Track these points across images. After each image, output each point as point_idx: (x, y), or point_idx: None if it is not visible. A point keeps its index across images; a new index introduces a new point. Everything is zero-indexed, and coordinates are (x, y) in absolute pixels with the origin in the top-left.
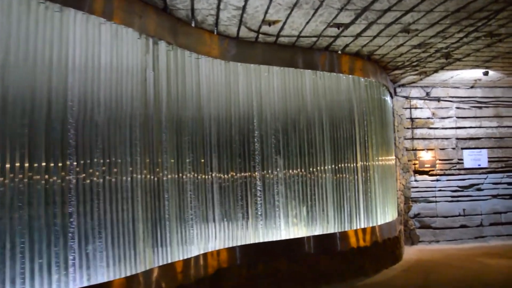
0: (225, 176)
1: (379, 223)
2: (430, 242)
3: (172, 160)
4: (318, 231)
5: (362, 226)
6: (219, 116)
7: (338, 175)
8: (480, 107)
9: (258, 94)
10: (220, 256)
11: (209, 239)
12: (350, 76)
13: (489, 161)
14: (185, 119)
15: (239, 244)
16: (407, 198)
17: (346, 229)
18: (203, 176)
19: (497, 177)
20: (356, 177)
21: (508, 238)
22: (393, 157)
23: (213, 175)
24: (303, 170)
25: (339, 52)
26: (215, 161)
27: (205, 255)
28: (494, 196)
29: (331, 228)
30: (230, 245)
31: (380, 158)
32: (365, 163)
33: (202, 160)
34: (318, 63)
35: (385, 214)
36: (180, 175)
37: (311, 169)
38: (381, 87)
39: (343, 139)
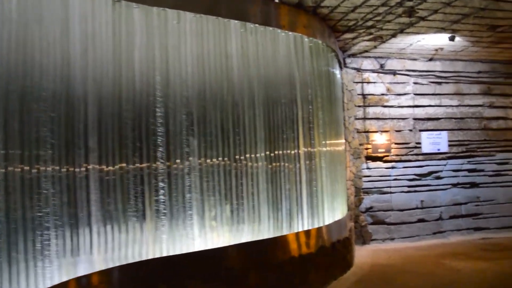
0: (110, 168)
1: (326, 223)
2: (384, 240)
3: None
4: (246, 237)
5: (306, 228)
6: (101, 84)
7: (274, 164)
8: (439, 83)
9: (163, 52)
10: (93, 282)
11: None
12: (291, 33)
13: (449, 145)
14: (33, 90)
15: (124, 262)
16: (358, 189)
17: (284, 233)
18: (72, 169)
19: (457, 163)
20: (298, 165)
21: (468, 233)
22: (343, 140)
23: (90, 167)
24: (226, 158)
25: (277, 0)
26: (93, 147)
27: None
28: (454, 185)
29: (265, 232)
30: (111, 265)
31: (328, 142)
32: (309, 148)
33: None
34: (249, 12)
35: (334, 211)
36: (28, 168)
37: (237, 156)
38: (330, 53)
39: (282, 118)
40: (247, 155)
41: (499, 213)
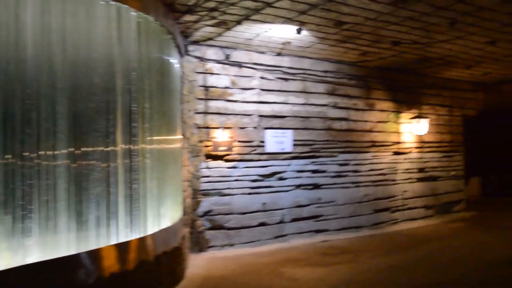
0: None
1: (150, 232)
2: (223, 247)
3: None
4: (37, 255)
5: (122, 240)
6: None
7: (80, 163)
8: (286, 79)
9: None
10: None
11: None
12: (113, 3)
13: (294, 145)
14: None
15: None
16: (196, 190)
17: (92, 248)
18: None
19: (301, 164)
20: (114, 165)
21: (309, 236)
22: (179, 136)
23: None
24: (9, 155)
25: None
26: None
27: None
28: (298, 187)
29: (63, 248)
30: None
31: (157, 138)
32: (130, 145)
33: None
34: None
35: (161, 217)
36: None
37: (27, 153)
38: (165, 35)
39: (94, 108)
40: (42, 152)
41: (339, 214)
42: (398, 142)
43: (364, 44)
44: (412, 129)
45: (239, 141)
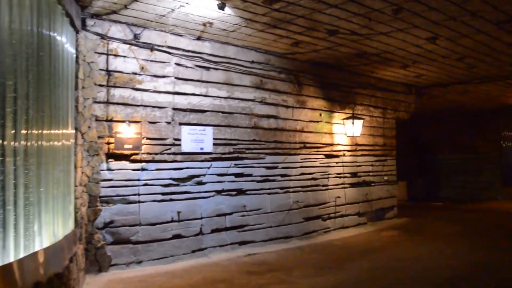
0: None
1: (21, 255)
2: (128, 265)
3: None
4: None
5: None
6: None
7: None
8: (207, 68)
9: None
10: None
11: None
12: None
13: (214, 144)
14: None
15: None
16: (94, 197)
17: None
18: None
19: (223, 166)
20: None
21: (232, 249)
22: (71, 131)
23: None
24: None
25: None
26: None
27: None
28: (219, 192)
29: None
30: None
31: (36, 132)
32: None
33: None
34: None
35: (37, 234)
36: None
37: None
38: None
39: None
40: None
41: (266, 223)
42: (331, 144)
43: (297, 31)
44: (346, 131)
45: (149, 138)
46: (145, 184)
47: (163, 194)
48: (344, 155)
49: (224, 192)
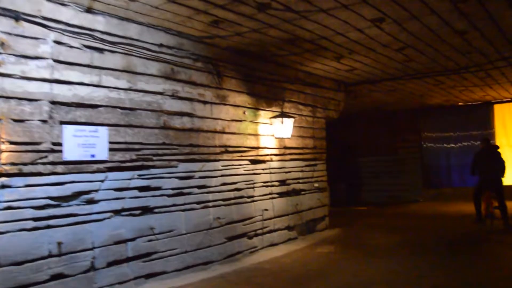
0: None
1: None
2: None
3: None
4: None
5: None
6: None
7: None
8: (101, 50)
9: None
10: None
11: None
12: None
13: (111, 150)
14: None
15: None
16: None
17: None
18: None
19: (123, 178)
20: None
21: (137, 284)
22: None
23: None
24: None
25: None
26: None
27: None
28: (117, 212)
29: None
30: None
31: None
32: None
33: None
34: None
35: None
36: None
37: None
38: None
39: None
40: None
41: (181, 248)
42: (257, 148)
43: (218, 2)
44: (274, 131)
45: (13, 143)
46: (7, 208)
47: (35, 219)
48: (271, 160)
49: (125, 212)
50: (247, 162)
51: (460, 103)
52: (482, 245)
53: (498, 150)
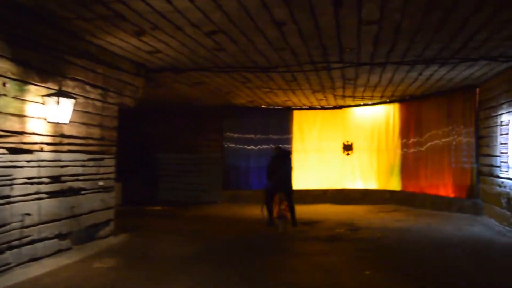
0: None
1: None
2: None
3: None
4: None
5: None
6: None
7: None
8: None
9: None
10: None
11: None
12: None
13: None
14: None
15: None
16: None
17: None
18: None
19: None
20: None
21: None
22: None
23: None
24: None
25: None
26: None
27: None
28: None
29: None
30: None
31: None
32: None
33: None
34: None
35: None
36: None
37: None
38: None
39: None
40: None
41: None
42: (21, 133)
43: None
44: (47, 114)
45: None
46: None
47: None
48: (41, 150)
49: None
50: (4, 151)
51: (263, 106)
52: (279, 254)
53: (290, 155)
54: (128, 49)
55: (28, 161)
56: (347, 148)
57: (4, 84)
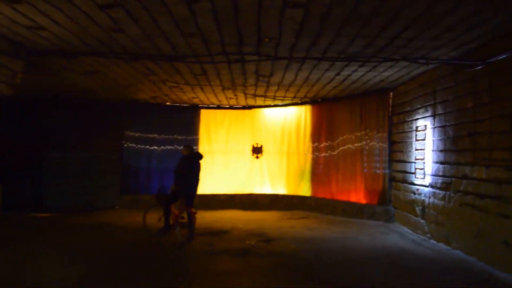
0: None
1: None
2: None
3: None
4: None
5: None
6: None
7: None
8: None
9: None
10: None
11: None
12: None
13: None
14: None
15: None
16: None
17: None
18: None
19: None
20: None
21: None
22: None
23: None
24: None
25: None
26: None
27: None
28: None
29: None
30: None
31: None
32: None
33: None
34: None
35: None
36: None
37: None
38: None
39: None
40: None
41: None
42: None
43: None
44: None
45: None
46: None
47: None
48: None
49: None
50: None
51: (168, 103)
52: (183, 277)
53: (201, 158)
54: (1, 22)
55: None
56: (256, 151)
57: None
